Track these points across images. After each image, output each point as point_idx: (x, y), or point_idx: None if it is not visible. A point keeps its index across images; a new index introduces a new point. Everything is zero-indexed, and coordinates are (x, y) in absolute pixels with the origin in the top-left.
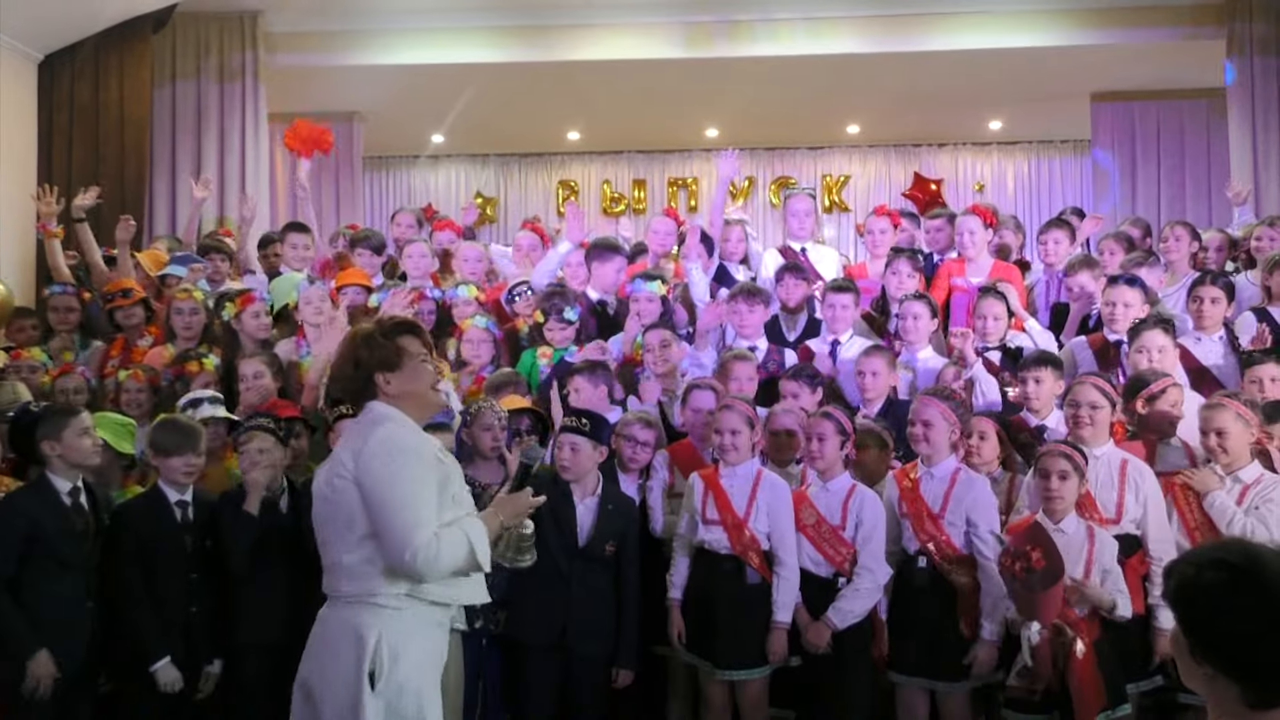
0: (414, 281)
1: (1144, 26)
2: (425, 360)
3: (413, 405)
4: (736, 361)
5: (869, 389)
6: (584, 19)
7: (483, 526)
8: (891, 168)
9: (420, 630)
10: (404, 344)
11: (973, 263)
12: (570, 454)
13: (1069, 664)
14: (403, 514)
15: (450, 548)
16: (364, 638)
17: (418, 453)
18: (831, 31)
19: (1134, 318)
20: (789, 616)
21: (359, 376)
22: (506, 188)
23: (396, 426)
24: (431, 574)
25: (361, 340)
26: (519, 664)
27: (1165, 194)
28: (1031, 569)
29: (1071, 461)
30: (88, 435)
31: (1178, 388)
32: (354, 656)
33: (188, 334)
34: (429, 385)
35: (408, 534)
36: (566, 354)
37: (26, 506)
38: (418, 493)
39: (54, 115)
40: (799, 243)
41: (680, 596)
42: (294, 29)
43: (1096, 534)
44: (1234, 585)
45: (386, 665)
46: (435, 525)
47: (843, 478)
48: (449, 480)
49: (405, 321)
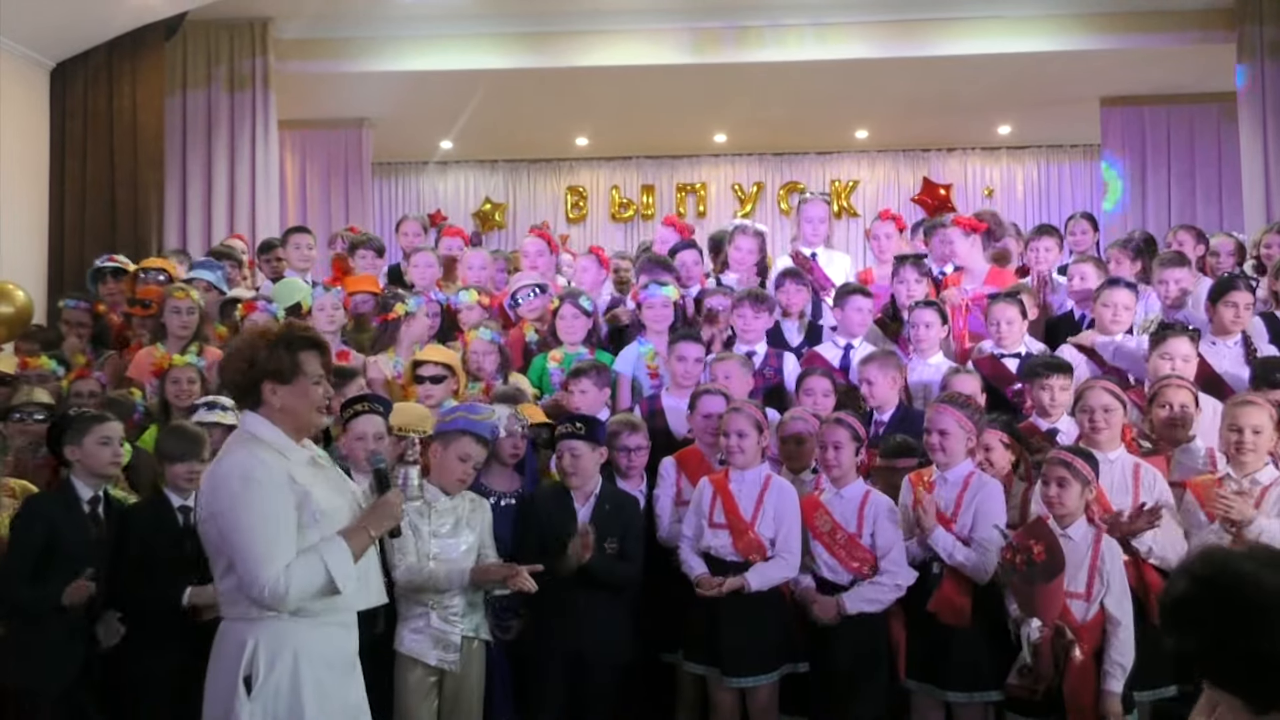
0: (420, 288)
1: (1154, 31)
2: (319, 382)
3: (291, 422)
4: (722, 363)
5: (870, 398)
6: (592, 25)
7: (344, 546)
8: (900, 173)
9: (304, 633)
10: (303, 360)
11: (968, 272)
12: (571, 460)
13: (1067, 669)
14: (252, 549)
15: (301, 579)
16: (243, 644)
17: (264, 481)
18: (840, 37)
19: (1127, 322)
20: (757, 584)
21: (249, 378)
22: (515, 193)
23: (248, 453)
24: (284, 606)
25: (263, 343)
26: (528, 670)
27: (1176, 199)
28: (1032, 561)
29: (1071, 469)
30: (109, 445)
31: (1187, 390)
32: (234, 663)
33: (183, 333)
34: (315, 407)
35: (256, 569)
36: (577, 358)
37: (49, 511)
38: (264, 525)
39: (66, 123)
40: (810, 248)
41: (706, 570)
42: (304, 36)
43: (1103, 541)
44: (1198, 598)
45: (262, 671)
46: (290, 554)
47: (857, 484)
48: (308, 498)
49: (311, 337)
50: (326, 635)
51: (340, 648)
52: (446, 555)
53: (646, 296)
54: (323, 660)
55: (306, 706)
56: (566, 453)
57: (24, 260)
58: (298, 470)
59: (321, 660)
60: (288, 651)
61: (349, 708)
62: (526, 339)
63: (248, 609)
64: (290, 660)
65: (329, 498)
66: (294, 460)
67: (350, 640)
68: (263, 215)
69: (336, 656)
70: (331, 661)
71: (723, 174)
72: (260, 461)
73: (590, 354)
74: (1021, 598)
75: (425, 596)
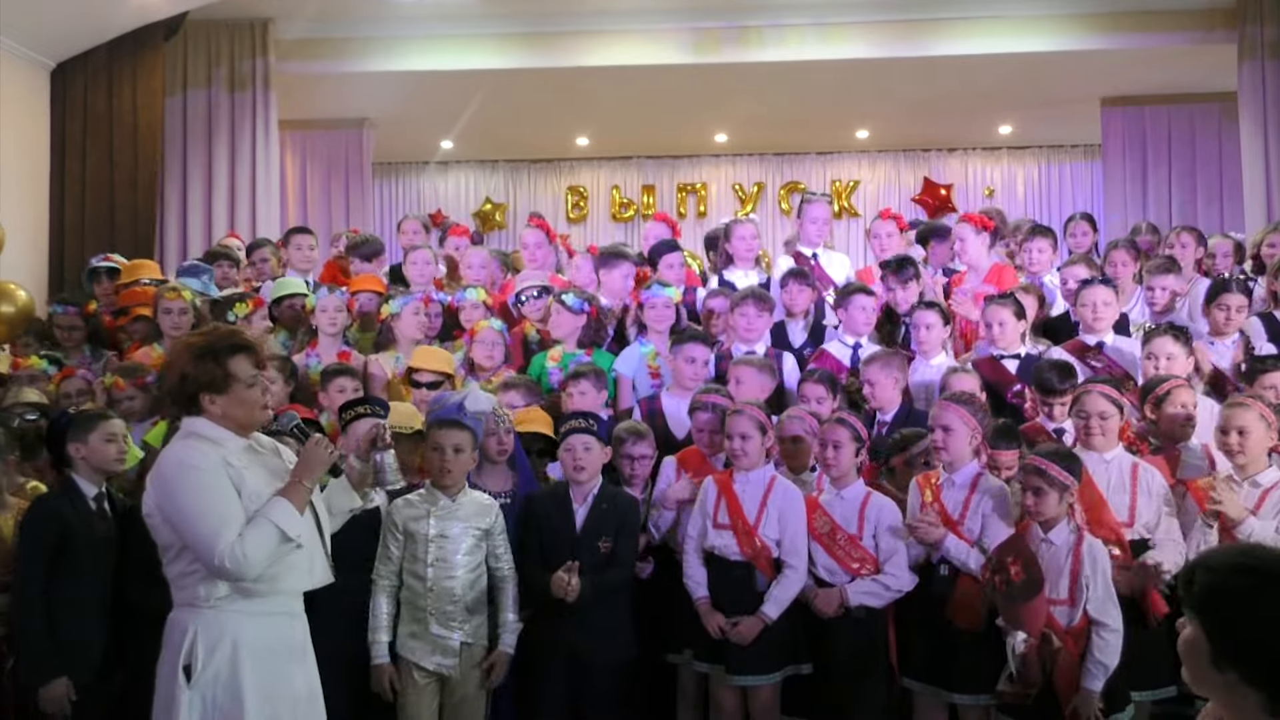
0: (417, 287)
1: (1155, 31)
2: (254, 383)
3: (233, 424)
4: (742, 367)
5: (873, 399)
6: (593, 25)
7: (284, 502)
8: (901, 173)
9: (244, 622)
10: (233, 367)
11: (972, 270)
12: (584, 454)
13: (1055, 672)
14: (202, 524)
15: (256, 542)
16: (184, 633)
17: (200, 465)
18: (841, 36)
19: (1110, 318)
20: (776, 614)
21: (184, 392)
22: (516, 193)
23: (184, 444)
24: (248, 572)
25: (191, 356)
26: (529, 671)
27: (1176, 199)
28: (1010, 582)
29: (1045, 476)
30: (114, 441)
31: (1187, 389)
32: (175, 652)
33: (175, 334)
34: (255, 408)
35: (212, 541)
36: (575, 358)
37: (58, 510)
38: (211, 501)
39: (67, 123)
40: (811, 248)
41: (707, 594)
42: (304, 36)
43: (1085, 545)
44: (1260, 590)
45: (201, 659)
46: (240, 525)
47: (857, 485)
48: (242, 482)
49: (238, 340)
50: (269, 624)
51: (284, 636)
52: (445, 559)
53: (648, 297)
54: (265, 649)
55: (247, 696)
56: (578, 446)
57: (24, 260)
58: (233, 456)
59: (263, 649)
60: (226, 640)
61: (295, 697)
62: (527, 337)
63: (195, 594)
64: (229, 649)
65: (265, 480)
66: (230, 448)
67: (295, 628)
68: (263, 215)
69: (280, 645)
70: (274, 650)
71: (723, 174)
72: (194, 449)
73: (588, 356)
74: (1005, 613)
75: (423, 602)
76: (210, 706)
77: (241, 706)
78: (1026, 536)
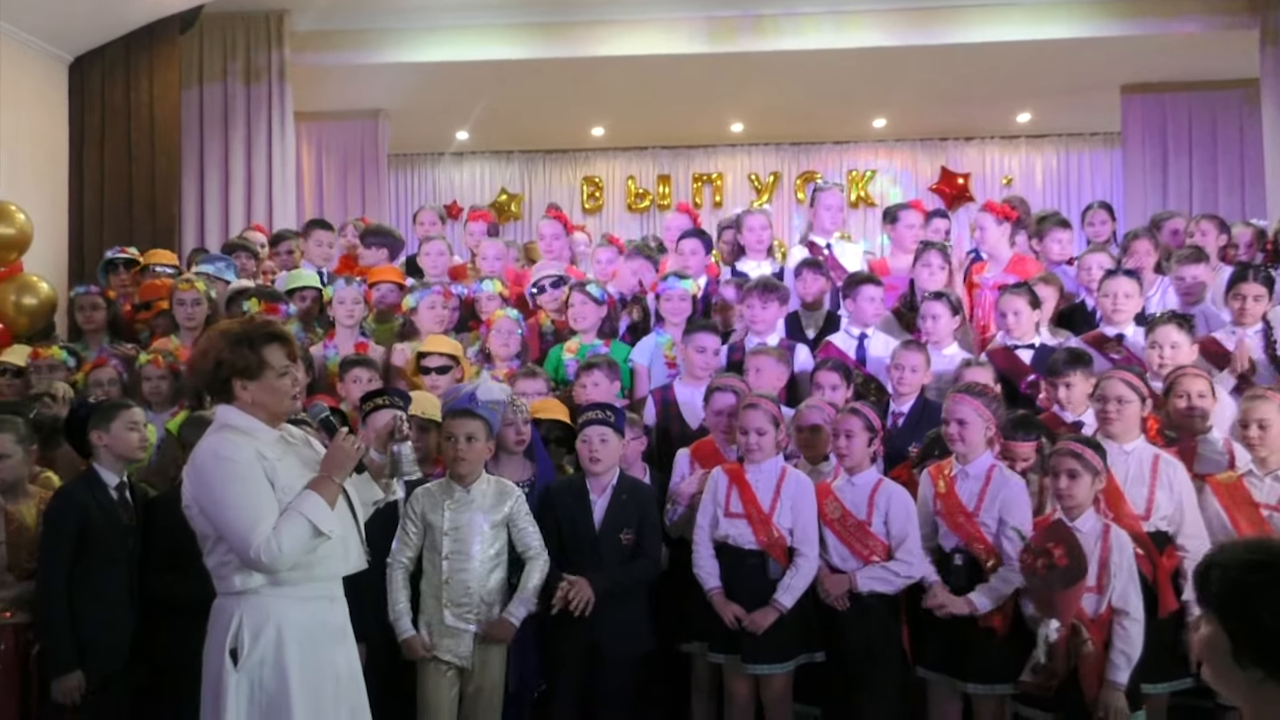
0: (432, 278)
1: (1175, 17)
2: (286, 372)
3: (264, 412)
4: (759, 356)
5: (904, 383)
6: (608, 15)
7: (315, 496)
8: (918, 162)
9: (288, 608)
10: (267, 355)
11: (993, 259)
12: (601, 445)
13: (1080, 664)
14: (238, 517)
15: (290, 535)
16: (230, 619)
17: (235, 457)
18: (857, 25)
19: (1132, 310)
20: (791, 602)
21: (218, 377)
22: (531, 184)
23: (219, 436)
24: (281, 564)
25: (228, 342)
26: (545, 661)
27: (1198, 187)
28: (1053, 566)
29: (1081, 460)
30: (136, 430)
31: (1200, 378)
32: (222, 638)
33: (190, 324)
34: (285, 397)
35: (246, 535)
36: (591, 350)
37: (80, 499)
38: (245, 493)
39: (85, 116)
40: (825, 237)
41: (720, 585)
42: (319, 28)
43: (1112, 533)
44: (1277, 584)
45: (247, 643)
46: (274, 516)
47: (869, 472)
48: (275, 474)
49: (274, 330)
50: (310, 608)
51: (324, 619)
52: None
53: (665, 288)
54: (305, 632)
55: (291, 677)
56: (594, 438)
57: (45, 252)
58: (266, 448)
59: (304, 632)
60: (270, 624)
61: (338, 678)
62: (542, 328)
63: (233, 583)
64: (274, 633)
65: (298, 471)
66: (263, 440)
67: (334, 612)
68: (279, 207)
69: (320, 628)
70: (315, 633)
71: (739, 164)
72: (229, 441)
73: (605, 346)
74: (1040, 600)
75: (439, 592)
76: (257, 688)
77: (287, 687)
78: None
